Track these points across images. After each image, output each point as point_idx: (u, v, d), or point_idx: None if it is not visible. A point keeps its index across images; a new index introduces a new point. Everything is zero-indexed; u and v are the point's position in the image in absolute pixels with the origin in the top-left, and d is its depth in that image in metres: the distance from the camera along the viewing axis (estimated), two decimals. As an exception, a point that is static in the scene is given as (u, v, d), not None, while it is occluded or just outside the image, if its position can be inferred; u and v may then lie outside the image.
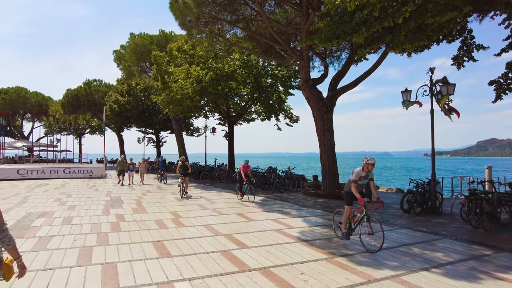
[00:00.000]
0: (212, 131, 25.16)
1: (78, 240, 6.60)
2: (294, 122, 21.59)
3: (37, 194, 13.70)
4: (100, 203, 11.58)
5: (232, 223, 8.45)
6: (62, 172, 22.46)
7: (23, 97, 46.59)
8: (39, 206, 10.64)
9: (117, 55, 28.38)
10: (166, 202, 12.06)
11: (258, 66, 19.01)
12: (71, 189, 15.89)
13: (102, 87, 39.90)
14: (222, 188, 17.25)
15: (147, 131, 38.40)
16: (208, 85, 17.17)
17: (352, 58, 14.13)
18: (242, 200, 12.59)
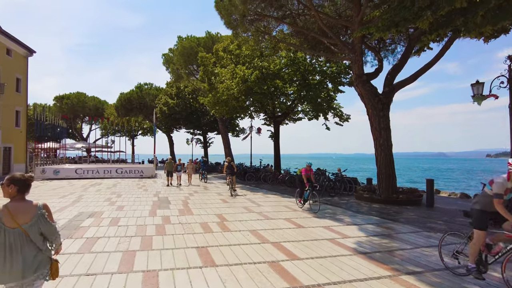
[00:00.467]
0: (257, 132, 24.82)
1: (122, 243, 6.43)
2: (344, 121, 20.47)
3: (90, 193, 14.22)
4: (148, 203, 11.63)
5: (280, 229, 7.86)
6: (115, 172, 23.45)
7: (83, 101, 50.07)
8: (90, 206, 10.90)
9: (166, 58, 29.21)
10: (212, 203, 11.80)
11: (306, 63, 18.25)
12: (122, 189, 16.36)
13: (153, 90, 41.53)
14: (268, 190, 16.74)
15: (195, 132, 39.24)
16: (253, 84, 16.80)
17: (410, 49, 12.85)
18: (303, 208, 10.83)
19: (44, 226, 2.66)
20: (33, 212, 2.65)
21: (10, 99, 26.57)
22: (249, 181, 20.33)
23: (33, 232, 2.62)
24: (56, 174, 22.09)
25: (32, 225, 2.61)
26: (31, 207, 2.68)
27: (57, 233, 2.79)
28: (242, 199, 12.97)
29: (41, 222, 2.64)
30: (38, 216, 2.65)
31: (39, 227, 2.64)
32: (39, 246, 2.65)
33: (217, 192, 15.48)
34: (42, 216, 2.66)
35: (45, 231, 2.68)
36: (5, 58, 26.14)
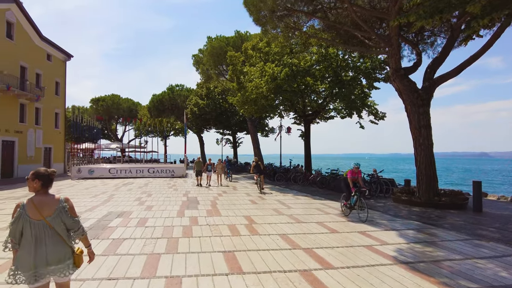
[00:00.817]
0: (287, 131, 24.27)
1: (147, 245, 6.23)
2: (380, 119, 19.47)
3: (121, 193, 14.39)
4: (176, 203, 11.52)
5: (312, 233, 7.37)
6: (147, 171, 23.84)
7: (117, 103, 51.76)
8: (120, 205, 10.93)
9: (196, 59, 29.42)
10: (240, 204, 11.49)
11: (338, 59, 17.52)
12: (152, 188, 16.48)
13: (184, 91, 42.11)
14: (298, 191, 16.21)
15: (225, 132, 39.34)
16: (283, 82, 16.33)
17: (452, 40, 11.87)
18: (349, 216, 9.49)
19: (66, 219, 2.82)
20: (56, 205, 2.80)
21: (50, 101, 27.85)
22: (279, 181, 19.89)
23: (57, 224, 2.77)
24: (90, 173, 22.79)
25: (55, 217, 2.76)
26: (53, 200, 2.83)
27: (79, 226, 2.91)
28: (272, 200, 12.56)
29: (63, 215, 2.80)
30: (60, 209, 2.80)
31: (61, 220, 2.79)
32: (63, 237, 2.80)
33: (246, 192, 15.17)
34: (63, 209, 2.82)
35: (67, 224, 2.84)
36: (45, 63, 27.43)
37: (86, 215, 9.18)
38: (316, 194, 15.01)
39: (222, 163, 19.51)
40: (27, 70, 24.90)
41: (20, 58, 24.08)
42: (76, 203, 11.19)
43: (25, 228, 2.69)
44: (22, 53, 24.22)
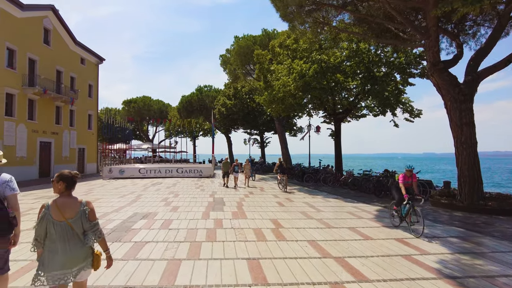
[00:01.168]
0: (316, 130, 23.59)
1: (169, 250, 5.99)
2: (415, 116, 18.37)
3: (149, 193, 14.43)
4: (202, 204, 11.32)
5: (344, 240, 6.83)
6: (175, 171, 24.02)
7: (148, 104, 52.99)
8: (146, 206, 10.87)
9: (223, 59, 29.37)
10: (267, 206, 11.09)
11: (370, 54, 16.67)
12: (180, 188, 16.45)
13: (212, 92, 42.35)
14: (328, 193, 15.57)
15: (252, 132, 39.12)
16: (311, 79, 15.74)
17: (500, 29, 10.83)
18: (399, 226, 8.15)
19: (85, 221, 2.89)
20: (77, 208, 2.89)
21: (83, 104, 28.83)
22: (307, 182, 19.29)
23: (77, 226, 2.86)
24: (121, 173, 23.28)
25: (76, 220, 2.85)
26: (76, 203, 2.92)
27: (96, 228, 2.96)
28: (300, 203, 12.06)
29: (83, 217, 2.88)
30: (81, 212, 2.89)
31: (81, 222, 2.88)
32: (82, 239, 2.88)
33: (273, 194, 14.75)
34: (84, 212, 2.90)
35: (85, 226, 2.90)
36: (79, 67, 28.43)
37: (111, 216, 9.15)
38: (348, 196, 14.33)
39: (250, 163, 19.12)
40: (62, 74, 25.89)
41: (56, 62, 25.06)
42: (104, 204, 11.28)
43: (49, 228, 2.79)
44: (58, 58, 25.20)
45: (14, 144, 20.57)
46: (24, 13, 21.77)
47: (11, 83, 20.48)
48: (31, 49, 22.33)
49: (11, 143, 20.37)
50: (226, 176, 17.41)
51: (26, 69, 21.83)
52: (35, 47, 22.79)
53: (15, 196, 3.32)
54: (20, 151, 21.09)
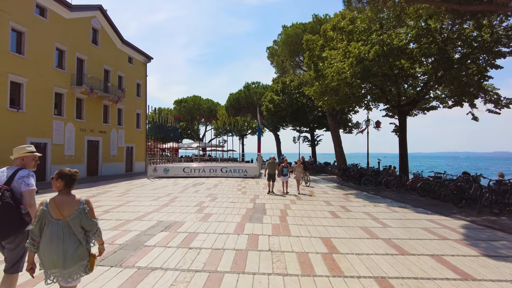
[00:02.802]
0: (375, 126, 20.67)
1: (178, 284, 4.23)
2: (503, 107, 14.82)
3: (186, 195, 13.02)
4: (240, 211, 9.53)
5: (430, 279, 4.53)
6: (220, 171, 22.68)
7: (198, 104, 53.06)
8: (176, 212, 9.34)
9: (270, 51, 27.45)
10: (318, 217, 8.96)
11: (444, 31, 13.57)
12: (220, 190, 14.90)
13: (260, 88, 40.77)
14: (393, 200, 12.94)
15: (302, 130, 36.64)
16: (372, 64, 13.13)
17: None
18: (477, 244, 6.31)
19: (84, 220, 2.83)
20: (76, 206, 2.83)
21: (131, 102, 28.81)
22: (366, 186, 16.65)
23: (75, 224, 2.79)
24: (166, 172, 22.51)
25: (74, 218, 2.79)
26: (74, 201, 2.87)
27: (96, 228, 2.90)
28: (359, 213, 9.73)
29: (82, 216, 2.82)
30: (80, 211, 2.82)
31: (80, 221, 2.81)
32: (80, 239, 2.80)
33: (325, 200, 12.49)
34: (83, 210, 2.84)
35: (85, 225, 2.84)
36: (127, 66, 28.44)
37: (131, 225, 7.70)
38: (418, 204, 11.62)
39: (301, 164, 15.37)
40: (110, 73, 25.94)
41: (104, 62, 25.11)
42: (131, 208, 10.01)
43: (47, 226, 2.75)
44: (105, 57, 25.25)
45: (62, 143, 20.68)
46: (73, 14, 21.88)
47: (60, 83, 20.59)
48: (79, 49, 22.43)
49: (60, 142, 20.48)
50: (271, 180, 13.93)
51: (74, 69, 21.94)
52: (84, 47, 22.89)
53: (30, 192, 3.22)
54: (68, 150, 21.19)
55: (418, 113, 18.64)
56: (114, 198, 12.44)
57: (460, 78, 13.60)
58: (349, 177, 20.10)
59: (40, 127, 18.95)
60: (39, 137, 18.93)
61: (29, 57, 18.28)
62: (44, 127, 19.27)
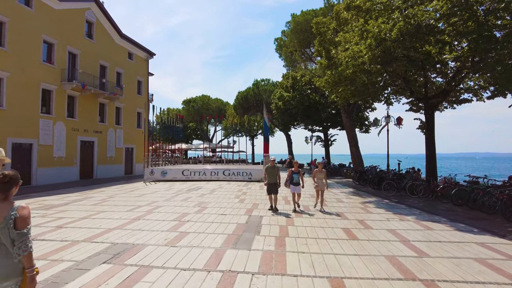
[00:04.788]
0: (396, 123, 18.15)
1: None
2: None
3: (170, 205, 10.94)
4: (226, 229, 7.38)
5: None
6: (222, 174, 20.59)
7: (207, 103, 51.26)
8: (143, 230, 7.26)
9: (279, 43, 25.20)
10: (328, 239, 6.71)
11: (485, 1, 10.97)
12: (215, 197, 12.79)
13: (269, 86, 38.63)
14: (422, 210, 10.53)
15: (314, 129, 34.11)
16: (395, 45, 10.73)
17: None
18: None
19: (11, 230, 2.39)
20: (6, 214, 2.43)
21: (132, 101, 27.07)
22: (387, 192, 14.24)
23: (5, 235, 2.39)
24: (163, 175, 20.59)
25: (2, 227, 2.39)
26: (6, 208, 2.46)
27: (21, 239, 2.40)
28: (382, 231, 7.42)
29: (10, 225, 2.39)
30: (8, 219, 2.40)
31: (8, 231, 2.39)
32: (11, 251, 2.40)
33: (339, 211, 10.19)
34: (10, 218, 2.41)
35: (12, 236, 2.40)
36: (127, 62, 26.73)
37: (70, 251, 5.68)
38: (456, 218, 9.21)
39: (322, 168, 10.57)
40: (107, 69, 24.25)
41: (100, 57, 23.43)
42: (92, 223, 8.00)
43: None
44: (102, 52, 23.57)
45: (51, 143, 19.01)
46: (63, 5, 20.21)
47: (48, 78, 18.94)
48: (71, 42, 20.77)
49: (48, 143, 18.81)
50: (273, 192, 9.81)
51: (65, 64, 20.28)
52: (76, 40, 21.23)
53: None
54: (58, 151, 19.51)
55: (447, 106, 16.05)
56: (87, 207, 10.51)
57: (505, 60, 11.08)
58: (367, 181, 17.67)
59: (24, 127, 17.29)
60: (23, 137, 17.30)
61: (10, 49, 16.64)
62: (29, 127, 17.61)
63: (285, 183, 10.20)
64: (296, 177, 9.91)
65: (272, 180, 9.76)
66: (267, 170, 9.90)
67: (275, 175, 9.80)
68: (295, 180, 9.90)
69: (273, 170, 9.86)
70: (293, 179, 9.93)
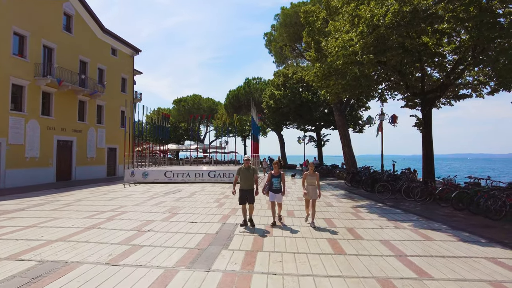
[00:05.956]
0: (391, 121, 17.09)
1: None
2: None
3: (138, 210, 9.74)
4: (189, 242, 6.20)
5: None
6: (207, 175, 19.39)
7: (198, 103, 50.03)
8: (89, 243, 6.06)
9: (268, 38, 24.11)
10: (308, 254, 5.56)
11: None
12: (193, 201, 11.61)
13: (261, 84, 37.54)
14: (419, 216, 9.44)
15: (306, 129, 32.98)
16: (390, 31, 9.65)
17: None
18: None
19: None
20: None
21: (115, 99, 25.80)
22: (381, 195, 13.15)
23: None
24: (144, 177, 19.34)
25: None
26: None
27: None
28: (375, 243, 6.28)
29: None
30: None
31: None
32: None
33: (327, 217, 9.06)
34: None
35: None
36: (110, 58, 25.46)
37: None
38: (458, 225, 8.12)
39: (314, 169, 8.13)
40: (88, 65, 22.98)
41: (80, 52, 22.14)
42: (40, 231, 6.79)
43: None
44: (82, 47, 22.28)
45: (22, 142, 17.68)
46: (37, -6, 18.96)
47: (19, 73, 17.62)
48: (47, 35, 19.46)
49: (19, 142, 17.49)
50: (248, 200, 7.58)
51: (40, 58, 18.97)
52: (53, 33, 19.92)
53: None
54: (30, 150, 18.18)
55: (445, 103, 15.01)
56: (44, 213, 9.28)
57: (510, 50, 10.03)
58: (360, 182, 16.61)
59: (-11, 124, 16.02)
60: (-11, 136, 16.00)
61: (-26, 40, 15.36)
62: (-4, 124, 16.33)
63: (263, 189, 8.06)
64: (276, 182, 7.79)
65: (246, 186, 7.56)
66: (240, 173, 7.66)
67: (251, 179, 7.61)
68: (275, 185, 7.78)
69: (248, 173, 7.63)
70: (272, 185, 7.82)
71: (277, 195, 7.80)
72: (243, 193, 7.54)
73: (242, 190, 7.57)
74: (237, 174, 7.75)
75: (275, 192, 7.79)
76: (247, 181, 7.58)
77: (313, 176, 7.89)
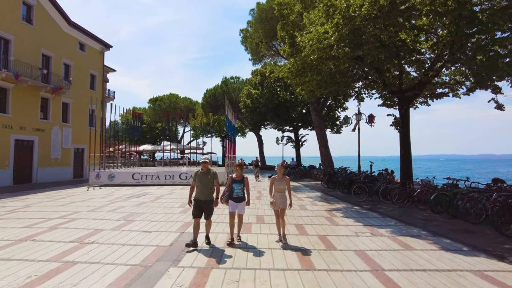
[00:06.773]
0: (368, 121, 16.65)
1: None
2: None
3: (90, 217, 8.70)
4: (138, 255, 5.30)
5: None
6: (178, 177, 18.37)
7: (174, 102, 48.65)
8: (12, 260, 5.03)
9: (244, 35, 23.27)
10: (271, 271, 4.78)
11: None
12: (156, 206, 10.64)
13: (239, 84, 36.73)
14: (398, 220, 8.87)
15: (284, 129, 32.36)
16: (367, 23, 9.02)
17: None
18: None
19: None
20: None
21: (83, 96, 24.29)
22: (358, 197, 12.59)
23: None
24: (111, 179, 18.10)
25: None
26: None
27: None
28: (350, 254, 5.57)
29: None
30: None
31: None
32: None
33: (299, 222, 8.33)
34: None
35: None
36: (77, 53, 23.99)
37: None
38: (439, 230, 7.56)
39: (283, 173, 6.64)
40: (51, 59, 21.48)
41: (42, 45, 20.63)
42: None
43: None
44: (45, 40, 20.77)
45: (-28, 142, 16.14)
46: (-9, -19, 17.43)
47: (-30, 65, 16.09)
48: (2, 25, 17.91)
49: (-31, 141, 15.94)
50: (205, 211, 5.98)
51: (-7, 50, 17.45)
52: (9, 23, 18.36)
53: None
54: (-17, 151, 16.65)
55: (422, 102, 14.65)
56: None
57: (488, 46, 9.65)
58: (336, 183, 16.06)
59: None
60: None
61: None
62: None
63: (221, 197, 6.21)
64: (238, 188, 6.12)
65: (203, 195, 5.89)
66: (196, 178, 6.02)
67: (209, 187, 5.95)
68: (237, 192, 6.12)
69: (206, 179, 5.94)
70: (233, 192, 6.16)
71: (238, 205, 6.13)
72: (198, 205, 5.90)
73: (197, 200, 5.91)
74: (193, 179, 6.09)
75: (236, 201, 6.12)
76: (204, 190, 5.89)
77: (282, 180, 6.37)
